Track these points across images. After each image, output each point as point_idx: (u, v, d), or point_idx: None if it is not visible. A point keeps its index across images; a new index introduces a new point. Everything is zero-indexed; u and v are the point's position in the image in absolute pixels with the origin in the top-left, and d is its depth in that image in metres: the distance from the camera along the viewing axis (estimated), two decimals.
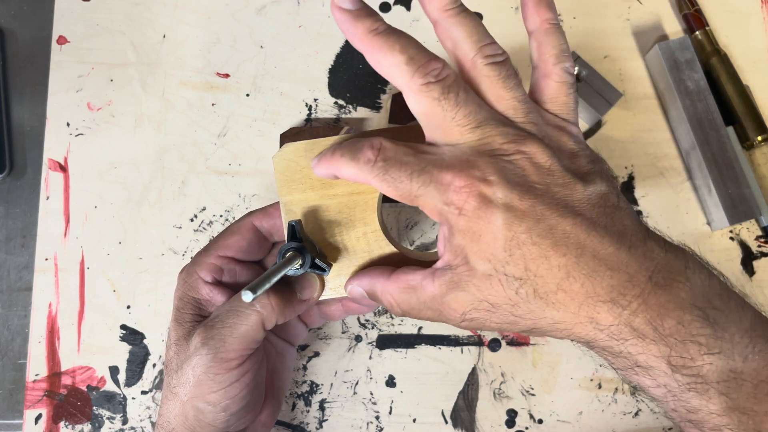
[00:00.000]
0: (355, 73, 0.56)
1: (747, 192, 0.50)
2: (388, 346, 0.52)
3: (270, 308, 0.37)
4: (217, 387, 0.37)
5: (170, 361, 0.40)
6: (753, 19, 0.56)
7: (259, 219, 0.42)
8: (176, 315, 0.40)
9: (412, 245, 0.53)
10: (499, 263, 0.32)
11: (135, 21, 0.57)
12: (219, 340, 0.37)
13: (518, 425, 0.51)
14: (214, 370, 0.37)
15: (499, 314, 0.33)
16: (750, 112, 0.53)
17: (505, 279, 0.32)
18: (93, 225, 0.54)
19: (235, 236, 0.41)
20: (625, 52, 0.55)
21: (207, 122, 0.55)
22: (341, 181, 0.38)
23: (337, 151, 0.35)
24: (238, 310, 0.37)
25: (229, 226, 0.42)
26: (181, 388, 0.38)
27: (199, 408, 0.38)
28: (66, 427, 0.51)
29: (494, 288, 0.32)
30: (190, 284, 0.40)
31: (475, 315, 0.33)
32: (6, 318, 0.54)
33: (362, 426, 0.51)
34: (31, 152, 0.56)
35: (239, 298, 0.38)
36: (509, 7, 0.56)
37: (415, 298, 0.35)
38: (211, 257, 0.41)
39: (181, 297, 0.40)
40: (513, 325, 0.33)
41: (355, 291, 0.38)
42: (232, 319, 0.37)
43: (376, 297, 0.37)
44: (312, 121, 0.55)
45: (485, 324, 0.34)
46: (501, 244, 0.31)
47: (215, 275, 0.41)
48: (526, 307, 0.32)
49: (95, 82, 0.56)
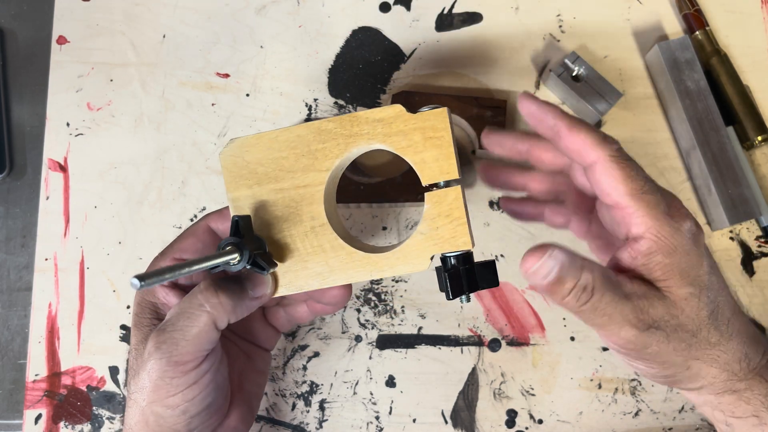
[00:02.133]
0: (355, 73, 0.56)
1: (747, 192, 0.50)
2: (388, 346, 0.52)
3: (220, 308, 0.37)
4: (174, 390, 0.37)
5: (131, 366, 0.40)
6: (753, 19, 0.56)
7: (215, 221, 0.42)
8: (135, 320, 0.40)
9: None
10: (703, 285, 0.35)
11: (135, 21, 0.57)
12: (171, 343, 0.36)
13: (518, 425, 0.51)
14: (170, 374, 0.37)
15: (679, 335, 0.35)
16: (750, 112, 0.53)
17: (705, 299, 0.35)
18: (93, 225, 0.54)
19: (190, 238, 0.41)
20: (625, 52, 0.55)
21: (207, 122, 0.55)
22: (288, 175, 0.38)
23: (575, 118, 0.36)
24: (188, 312, 0.37)
25: (186, 229, 0.42)
26: (139, 393, 0.38)
27: (159, 413, 0.38)
28: (66, 427, 0.51)
29: (691, 307, 0.35)
30: (147, 289, 0.40)
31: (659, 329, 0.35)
32: (6, 318, 0.54)
33: (362, 426, 0.51)
34: (31, 152, 0.56)
35: (189, 300, 0.37)
36: (509, 7, 0.56)
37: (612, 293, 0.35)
38: (166, 260, 0.41)
39: (139, 302, 0.40)
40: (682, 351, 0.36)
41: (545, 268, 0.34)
42: (182, 321, 0.37)
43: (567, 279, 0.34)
44: (312, 121, 0.55)
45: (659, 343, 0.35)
46: (705, 268, 0.36)
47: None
48: (707, 332, 0.35)
49: (95, 82, 0.56)
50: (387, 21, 0.56)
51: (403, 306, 0.52)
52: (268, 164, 0.39)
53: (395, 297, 0.52)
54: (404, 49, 0.56)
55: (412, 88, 0.55)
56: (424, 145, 0.37)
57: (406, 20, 0.56)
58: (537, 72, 0.55)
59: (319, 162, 0.38)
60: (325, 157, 0.38)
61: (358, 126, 0.38)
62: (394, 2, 0.57)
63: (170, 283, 0.40)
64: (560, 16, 0.56)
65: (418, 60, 0.56)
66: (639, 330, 0.34)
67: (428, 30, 0.56)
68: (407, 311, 0.52)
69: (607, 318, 0.34)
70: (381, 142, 0.37)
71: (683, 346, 0.35)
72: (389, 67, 0.56)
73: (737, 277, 0.52)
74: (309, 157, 0.38)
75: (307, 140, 0.38)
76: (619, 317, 0.34)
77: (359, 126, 0.38)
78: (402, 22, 0.56)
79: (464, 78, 0.55)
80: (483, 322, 0.52)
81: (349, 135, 0.38)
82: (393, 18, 0.56)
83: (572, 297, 0.34)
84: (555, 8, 0.56)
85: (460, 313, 0.52)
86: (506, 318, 0.52)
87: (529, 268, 0.34)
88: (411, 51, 0.56)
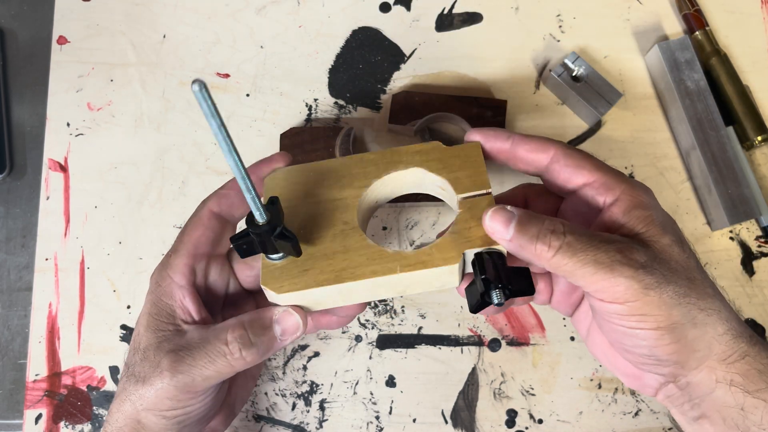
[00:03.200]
0: (355, 73, 0.56)
1: (747, 192, 0.50)
2: (388, 346, 0.52)
3: (242, 363, 0.37)
4: (176, 407, 0.37)
5: (133, 365, 0.39)
6: (753, 19, 0.56)
7: (215, 203, 0.41)
8: (148, 320, 0.39)
9: (412, 245, 0.53)
10: (681, 236, 0.37)
11: (135, 21, 0.57)
12: (188, 375, 0.36)
13: (518, 425, 0.51)
14: (179, 397, 0.37)
15: (676, 275, 0.34)
16: (750, 112, 0.53)
17: (688, 249, 0.36)
18: (93, 225, 0.54)
19: (200, 229, 0.40)
20: (625, 52, 0.55)
21: (207, 122, 0.55)
22: (325, 191, 0.39)
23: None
24: (210, 355, 0.37)
25: (189, 222, 0.41)
26: (138, 399, 0.37)
27: (153, 421, 0.38)
28: (66, 427, 0.51)
29: (677, 252, 0.35)
30: (163, 289, 0.39)
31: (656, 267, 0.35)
32: (6, 318, 0.54)
33: (362, 426, 0.51)
34: (31, 152, 0.56)
35: (215, 339, 0.37)
36: (509, 7, 0.56)
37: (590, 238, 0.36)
38: (182, 258, 0.39)
39: (155, 302, 0.39)
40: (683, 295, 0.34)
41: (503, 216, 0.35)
42: (203, 360, 0.36)
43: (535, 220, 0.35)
44: (312, 121, 0.55)
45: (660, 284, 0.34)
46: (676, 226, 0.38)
47: (188, 278, 0.39)
48: (700, 275, 0.35)
49: (95, 82, 0.56)
50: (387, 21, 0.56)
51: (403, 306, 0.52)
52: (308, 185, 0.40)
53: (395, 297, 0.52)
54: (404, 49, 0.56)
55: (412, 88, 0.55)
56: (458, 167, 0.39)
57: (406, 20, 0.56)
58: (537, 72, 0.55)
59: (357, 181, 0.40)
60: (364, 177, 0.40)
61: (398, 156, 0.40)
62: (394, 2, 0.57)
63: (188, 283, 0.39)
64: (560, 16, 0.56)
65: (418, 60, 0.56)
66: (633, 269, 0.33)
67: (428, 30, 0.56)
68: (407, 311, 0.52)
69: (594, 264, 0.33)
70: (417, 166, 0.40)
71: (683, 291, 0.34)
72: (389, 67, 0.56)
73: (737, 276, 0.52)
74: (348, 178, 0.40)
75: (348, 166, 0.40)
76: (607, 259, 0.33)
77: (399, 156, 0.40)
78: (402, 22, 0.56)
79: (464, 78, 0.55)
80: (483, 321, 0.52)
81: (389, 162, 0.40)
82: (393, 18, 0.56)
83: (542, 244, 0.34)
84: (555, 8, 0.56)
85: (460, 313, 0.52)
86: (506, 318, 0.52)
87: (490, 225, 0.35)
88: (411, 51, 0.56)
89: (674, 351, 0.34)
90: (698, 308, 0.34)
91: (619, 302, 0.34)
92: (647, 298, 0.33)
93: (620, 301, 0.34)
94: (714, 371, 0.34)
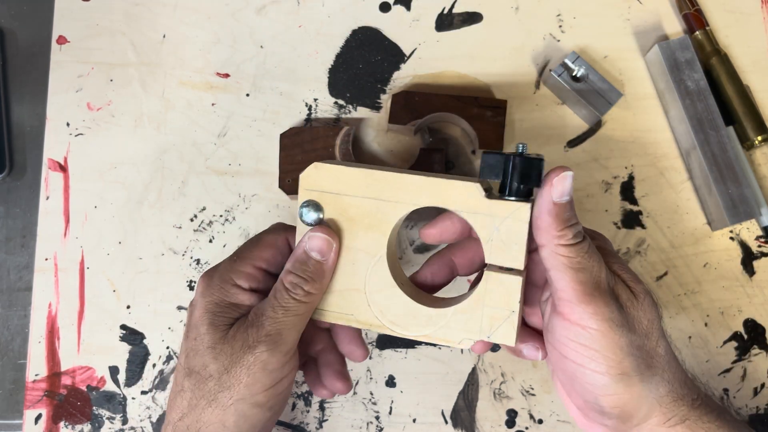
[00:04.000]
0: (355, 73, 0.56)
1: (747, 192, 0.50)
2: (388, 346, 0.52)
3: (309, 297, 0.39)
4: (270, 383, 0.38)
5: (203, 367, 0.39)
6: (753, 19, 0.56)
7: (293, 237, 0.42)
8: (212, 319, 0.39)
9: (412, 245, 0.53)
10: None
11: (135, 21, 0.57)
12: (276, 333, 0.38)
13: (518, 425, 0.51)
14: (272, 364, 0.38)
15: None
16: (750, 112, 0.53)
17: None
18: (93, 225, 0.54)
19: (272, 250, 0.42)
20: (625, 52, 0.55)
21: (207, 122, 0.55)
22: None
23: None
24: (282, 305, 0.39)
25: (262, 238, 0.43)
26: (226, 392, 0.38)
27: (243, 411, 0.38)
28: (66, 427, 0.51)
29: None
30: (226, 291, 0.40)
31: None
32: (6, 318, 0.54)
33: (362, 426, 0.51)
34: (31, 152, 0.56)
35: (273, 294, 0.39)
36: (509, 7, 0.56)
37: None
38: (247, 267, 0.41)
39: (218, 302, 0.40)
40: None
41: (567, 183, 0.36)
42: (278, 313, 0.38)
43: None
44: (312, 121, 0.55)
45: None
46: None
47: (252, 284, 0.41)
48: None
49: (95, 82, 0.56)
50: (387, 21, 0.56)
51: None
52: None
53: None
54: (404, 49, 0.56)
55: (412, 88, 0.55)
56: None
57: (406, 20, 0.56)
58: (537, 72, 0.55)
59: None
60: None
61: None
62: (394, 2, 0.57)
63: (251, 288, 0.41)
64: (560, 16, 0.56)
65: (418, 60, 0.56)
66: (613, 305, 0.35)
67: (428, 30, 0.56)
68: None
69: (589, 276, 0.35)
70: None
71: (639, 343, 0.36)
72: (389, 67, 0.56)
73: (737, 276, 0.52)
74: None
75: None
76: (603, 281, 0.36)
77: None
78: (402, 22, 0.56)
79: (464, 78, 0.55)
80: None
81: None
82: (393, 18, 0.56)
83: (572, 229, 0.36)
84: (555, 8, 0.56)
85: None
86: None
87: (557, 182, 0.35)
88: (411, 51, 0.56)
89: (618, 405, 0.36)
90: (647, 365, 0.36)
91: (582, 325, 0.35)
92: (609, 333, 0.35)
93: (583, 324, 0.35)
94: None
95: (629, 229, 0.53)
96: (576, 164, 0.54)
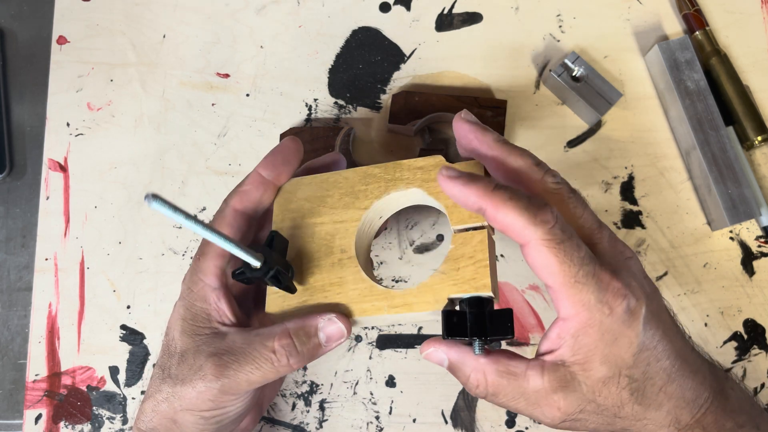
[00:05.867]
0: (355, 73, 0.56)
1: (747, 192, 0.50)
2: (388, 346, 0.52)
3: (287, 369, 0.37)
4: (216, 408, 0.38)
5: (169, 368, 0.39)
6: (753, 19, 0.56)
7: (238, 201, 0.41)
8: (183, 326, 0.39)
9: (412, 245, 0.53)
10: (625, 367, 0.34)
11: (135, 21, 0.57)
12: (233, 380, 0.37)
13: (518, 425, 0.51)
14: (219, 399, 0.37)
15: (601, 416, 0.35)
16: (750, 112, 0.53)
17: (625, 381, 0.34)
18: (93, 225, 0.54)
19: (225, 229, 0.40)
20: (625, 52, 0.55)
21: (207, 122, 0.55)
22: (329, 211, 0.40)
23: (505, 192, 0.33)
24: (257, 361, 0.37)
25: (214, 221, 0.41)
26: (177, 400, 0.38)
27: (190, 420, 0.38)
28: (66, 427, 0.51)
29: (609, 390, 0.34)
30: (197, 293, 0.39)
31: (580, 416, 0.35)
32: (6, 318, 0.54)
33: (362, 426, 0.51)
34: (31, 152, 0.56)
35: (261, 345, 0.37)
36: (509, 7, 0.56)
37: (513, 386, 0.35)
38: (211, 260, 0.40)
39: (189, 307, 0.39)
40: (609, 426, 0.35)
41: (436, 356, 0.37)
42: (250, 366, 0.37)
43: (460, 372, 0.37)
44: (312, 121, 0.55)
45: (583, 425, 0.35)
46: (633, 350, 0.34)
47: (220, 279, 0.40)
48: (630, 409, 0.34)
49: (95, 82, 0.56)
50: (387, 21, 0.56)
51: None
52: (314, 201, 0.41)
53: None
54: (404, 49, 0.56)
55: (412, 88, 0.55)
56: None
57: (406, 20, 0.56)
58: (537, 72, 0.55)
59: (359, 201, 0.40)
60: (365, 197, 0.40)
61: (400, 172, 0.40)
62: (394, 2, 0.57)
63: (220, 284, 0.40)
64: (560, 16, 0.56)
65: (418, 60, 0.56)
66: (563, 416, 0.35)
67: (428, 30, 0.56)
68: None
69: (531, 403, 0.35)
70: (418, 187, 0.39)
71: (607, 423, 0.35)
72: (389, 67, 0.56)
73: (737, 276, 0.52)
74: (351, 196, 0.41)
75: (352, 182, 0.41)
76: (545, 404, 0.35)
77: (401, 172, 0.40)
78: (402, 22, 0.56)
79: (464, 78, 0.55)
80: None
81: (390, 179, 0.40)
82: (393, 18, 0.56)
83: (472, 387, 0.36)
84: (555, 8, 0.56)
85: None
86: None
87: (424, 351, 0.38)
88: (411, 51, 0.56)
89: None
90: (621, 430, 0.36)
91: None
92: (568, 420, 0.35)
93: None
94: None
95: (629, 229, 0.53)
96: (576, 164, 0.54)
